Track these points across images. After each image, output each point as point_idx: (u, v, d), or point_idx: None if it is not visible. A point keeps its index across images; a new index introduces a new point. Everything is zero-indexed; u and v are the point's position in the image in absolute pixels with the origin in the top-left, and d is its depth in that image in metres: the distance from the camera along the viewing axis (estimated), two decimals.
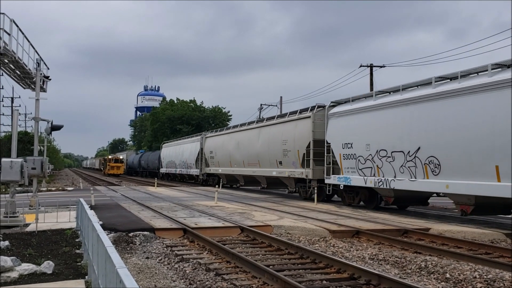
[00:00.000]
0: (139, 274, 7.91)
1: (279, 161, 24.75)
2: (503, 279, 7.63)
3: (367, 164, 17.52)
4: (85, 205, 9.99)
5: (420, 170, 14.91)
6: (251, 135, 29.02)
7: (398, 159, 15.91)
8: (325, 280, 7.55)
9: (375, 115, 17.18)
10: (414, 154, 15.19)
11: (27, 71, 15.58)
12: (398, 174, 15.95)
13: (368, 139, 17.45)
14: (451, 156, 13.72)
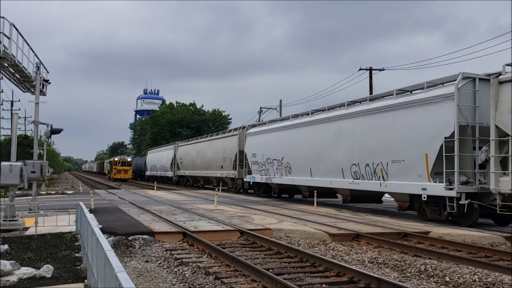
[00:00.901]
0: (139, 277, 7.90)
1: (221, 165, 34.50)
2: (502, 282, 7.63)
3: (263, 167, 26.92)
4: (85, 208, 9.99)
5: (283, 171, 24.30)
6: (205, 146, 38.48)
7: (275, 164, 25.33)
8: (325, 284, 7.54)
9: (266, 136, 26.94)
10: (281, 161, 24.51)
11: (26, 74, 15.60)
12: (276, 173, 25.28)
13: (263, 151, 26.78)
14: (295, 162, 23.01)
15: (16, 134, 14.95)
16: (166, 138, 71.48)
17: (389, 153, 16.28)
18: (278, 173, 24.76)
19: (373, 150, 17.10)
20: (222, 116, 75.03)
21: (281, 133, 24.83)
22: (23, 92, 17.91)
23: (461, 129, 13.64)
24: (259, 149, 27.24)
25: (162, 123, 74.95)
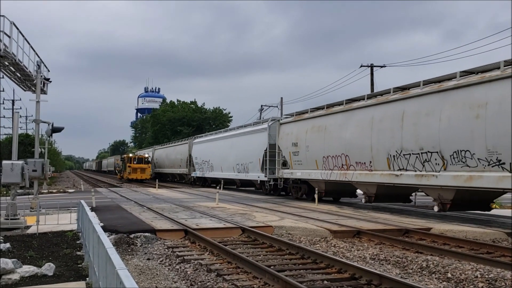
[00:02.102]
0: (140, 275, 7.91)
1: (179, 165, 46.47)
2: (504, 279, 7.62)
3: (200, 166, 40.74)
4: (86, 207, 10.00)
5: (209, 168, 37.73)
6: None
7: (206, 164, 38.61)
8: (326, 280, 7.54)
9: (202, 145, 41.07)
10: (209, 162, 37.79)
11: (27, 73, 15.59)
12: (206, 170, 38.36)
13: (200, 155, 40.30)
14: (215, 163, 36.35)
15: (17, 133, 14.95)
16: (167, 136, 71.47)
17: (244, 158, 30.43)
18: (208, 170, 38.13)
19: (241, 156, 30.96)
20: (223, 114, 75.00)
21: (208, 144, 38.68)
22: (24, 91, 17.92)
23: (271, 146, 25.92)
24: (199, 154, 40.64)
25: (163, 122, 74.94)
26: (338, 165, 19.54)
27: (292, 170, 23.94)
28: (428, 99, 14.91)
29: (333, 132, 19.91)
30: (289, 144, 24.00)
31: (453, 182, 13.86)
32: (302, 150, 22.62)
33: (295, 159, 23.54)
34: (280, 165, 25.15)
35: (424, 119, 14.86)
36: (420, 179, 15.11)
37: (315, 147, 21.40)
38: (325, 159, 20.57)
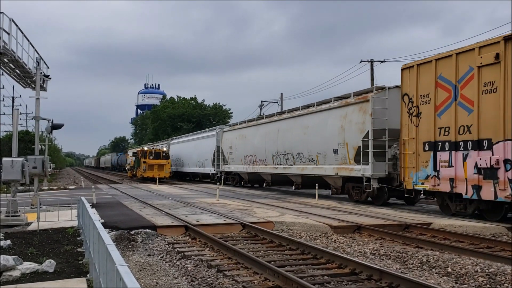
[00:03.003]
0: (141, 271, 7.92)
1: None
2: (504, 273, 7.63)
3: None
4: (87, 203, 10.01)
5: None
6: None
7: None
8: (327, 276, 7.55)
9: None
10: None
11: (26, 70, 15.57)
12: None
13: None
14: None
15: (17, 130, 14.94)
16: (167, 132, 71.50)
17: (202, 156, 39.51)
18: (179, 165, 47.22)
19: (200, 154, 38.99)
20: (223, 110, 75.00)
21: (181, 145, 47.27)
22: (23, 88, 17.90)
23: (217, 148, 34.37)
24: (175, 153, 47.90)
25: (163, 118, 74.94)
26: (251, 161, 29.60)
27: (229, 165, 33.70)
28: (288, 122, 25.18)
29: (248, 139, 29.98)
30: (227, 146, 33.85)
31: (297, 171, 23.83)
32: (234, 151, 32.55)
33: (230, 157, 33.32)
34: (222, 162, 34.70)
35: (286, 133, 24.94)
36: (285, 170, 25.14)
37: (240, 149, 31.38)
38: (245, 158, 30.55)
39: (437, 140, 14.58)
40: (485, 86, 13.08)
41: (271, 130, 26.72)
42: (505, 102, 12.39)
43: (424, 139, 15.12)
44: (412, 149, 15.59)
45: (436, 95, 14.67)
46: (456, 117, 13.93)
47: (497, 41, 12.78)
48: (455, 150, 13.92)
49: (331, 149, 20.29)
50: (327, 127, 20.73)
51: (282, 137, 25.27)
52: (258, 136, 28.33)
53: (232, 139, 32.80)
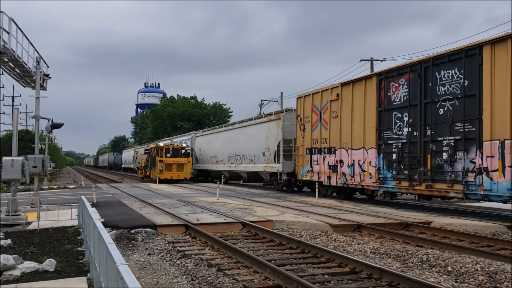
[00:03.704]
0: (141, 270, 7.93)
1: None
2: (504, 271, 7.63)
3: None
4: (87, 202, 10.01)
5: None
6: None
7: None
8: (327, 275, 7.55)
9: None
10: None
11: (26, 69, 15.56)
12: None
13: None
14: None
15: (17, 129, 14.94)
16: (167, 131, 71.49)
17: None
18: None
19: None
20: (223, 110, 74.97)
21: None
22: (23, 87, 17.88)
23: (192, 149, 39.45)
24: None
25: (163, 117, 74.92)
26: (214, 161, 36.35)
27: (200, 165, 39.84)
28: (237, 131, 32.78)
29: (212, 143, 36.72)
30: (198, 149, 40.45)
31: (243, 169, 31.02)
32: (203, 153, 39.19)
33: (200, 158, 39.98)
34: (195, 162, 39.93)
35: (236, 140, 32.28)
36: (236, 168, 32.22)
37: (207, 152, 38.21)
38: (210, 158, 37.44)
39: (312, 147, 21.73)
40: (332, 114, 20.15)
41: (227, 136, 34.32)
42: (341, 124, 19.48)
43: (306, 146, 22.30)
44: (301, 153, 22.85)
45: (311, 117, 21.86)
46: (320, 132, 21.07)
47: (338, 85, 19.87)
48: (319, 153, 21.08)
49: (261, 152, 28.17)
50: (259, 136, 28.52)
51: (233, 142, 32.84)
52: (219, 141, 35.74)
53: (202, 143, 39.96)
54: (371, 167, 17.41)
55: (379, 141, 17.11)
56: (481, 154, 13.07)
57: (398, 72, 16.47)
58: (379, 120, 17.13)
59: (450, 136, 14.10)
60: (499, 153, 12.50)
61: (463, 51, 13.80)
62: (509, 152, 12.20)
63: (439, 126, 14.57)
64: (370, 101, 17.68)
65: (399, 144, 16.20)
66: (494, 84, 12.84)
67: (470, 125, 13.53)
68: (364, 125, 18.00)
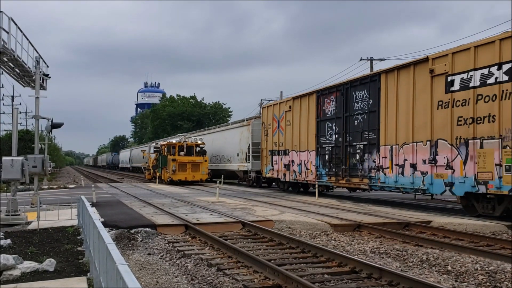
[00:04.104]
0: (141, 270, 7.93)
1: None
2: (504, 271, 7.64)
3: None
4: (87, 202, 10.00)
5: None
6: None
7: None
8: (327, 274, 7.56)
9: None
10: None
11: (26, 69, 15.56)
12: None
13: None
14: None
15: (17, 129, 14.93)
16: (167, 131, 71.49)
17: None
18: None
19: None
20: (222, 109, 74.97)
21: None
22: (23, 87, 17.88)
23: None
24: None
25: (163, 116, 74.92)
26: None
27: None
28: (218, 133, 37.26)
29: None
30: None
31: (223, 167, 35.14)
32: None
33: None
34: None
35: (217, 141, 36.45)
36: (217, 166, 36.29)
37: None
38: None
39: (273, 149, 25.72)
40: (287, 122, 24.21)
41: (210, 138, 37.63)
42: (292, 131, 23.46)
43: (269, 148, 26.27)
44: (265, 154, 26.74)
45: (272, 124, 25.86)
46: (278, 137, 25.19)
47: (290, 99, 24.00)
48: (278, 155, 25.09)
49: (236, 153, 32.39)
50: (234, 139, 32.73)
51: (215, 144, 36.57)
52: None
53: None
54: (312, 166, 21.53)
55: (317, 145, 21.15)
56: (379, 156, 17.03)
57: (329, 91, 20.48)
58: (318, 128, 21.19)
59: (361, 142, 18.19)
60: (389, 154, 16.54)
61: (369, 77, 18.04)
62: (395, 154, 16.29)
63: (354, 134, 18.63)
64: (312, 112, 21.78)
65: (330, 147, 20.24)
66: (387, 103, 16.75)
67: (372, 133, 17.58)
68: (308, 132, 22.04)
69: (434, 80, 14.72)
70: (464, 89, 13.71)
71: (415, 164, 15.40)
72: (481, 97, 13.18)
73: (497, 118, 12.62)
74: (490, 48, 12.92)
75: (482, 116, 13.11)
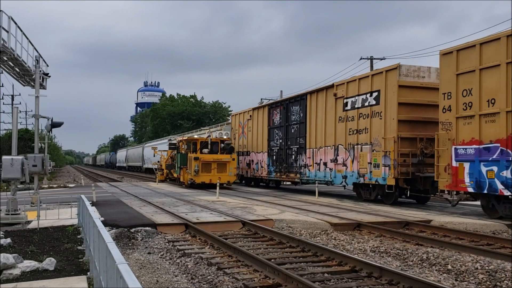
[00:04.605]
0: (141, 269, 7.93)
1: None
2: (504, 270, 7.64)
3: None
4: (86, 201, 10.00)
5: None
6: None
7: None
8: (327, 273, 7.55)
9: None
10: None
11: (26, 68, 15.55)
12: None
13: None
14: None
15: (16, 128, 14.92)
16: (167, 130, 71.47)
17: None
18: None
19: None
20: (222, 108, 74.92)
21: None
22: (23, 86, 17.87)
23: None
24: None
25: (163, 116, 74.90)
26: None
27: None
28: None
29: None
30: None
31: None
32: None
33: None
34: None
35: None
36: None
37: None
38: None
39: (239, 151, 30.18)
40: (248, 128, 29.22)
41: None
42: (252, 136, 28.51)
43: (238, 149, 30.22)
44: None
45: (239, 130, 30.54)
46: (243, 141, 30.10)
47: (251, 109, 28.88)
48: (242, 155, 30.00)
49: None
50: None
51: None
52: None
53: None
54: (265, 164, 26.71)
55: (268, 147, 26.37)
56: (306, 156, 22.35)
57: (276, 105, 26.14)
58: (269, 134, 26.44)
59: (295, 146, 23.51)
60: (312, 155, 21.77)
61: (300, 96, 23.36)
62: (315, 155, 21.46)
63: (291, 139, 23.95)
64: (265, 121, 26.93)
65: (276, 149, 25.50)
66: (311, 117, 21.94)
67: (302, 139, 22.83)
68: (262, 137, 27.20)
69: (337, 101, 20.02)
70: (352, 109, 18.97)
71: (326, 163, 20.66)
72: (361, 115, 18.45)
73: (369, 130, 17.87)
74: (367, 80, 18.12)
75: (362, 128, 18.40)
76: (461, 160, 13.71)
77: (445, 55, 14.38)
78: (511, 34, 12.43)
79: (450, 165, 14.05)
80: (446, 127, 14.31)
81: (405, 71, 16.83)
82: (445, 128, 14.31)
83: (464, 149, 13.68)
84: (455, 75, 13.98)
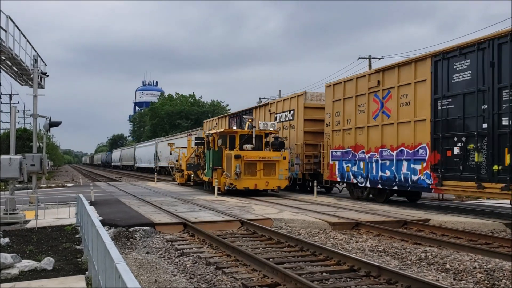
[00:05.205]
0: (140, 269, 7.92)
1: None
2: (502, 269, 7.65)
3: None
4: (85, 201, 9.99)
5: None
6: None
7: None
8: (325, 272, 7.56)
9: None
10: None
11: (24, 67, 15.51)
12: None
13: None
14: None
15: (15, 127, 14.89)
16: (165, 129, 71.47)
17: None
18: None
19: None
20: (221, 107, 74.94)
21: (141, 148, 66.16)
22: (21, 86, 17.82)
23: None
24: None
25: (161, 115, 74.89)
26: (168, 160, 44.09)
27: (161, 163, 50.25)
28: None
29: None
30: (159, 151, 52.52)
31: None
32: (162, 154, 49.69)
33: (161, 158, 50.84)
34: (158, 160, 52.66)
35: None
36: None
37: (163, 153, 47.93)
38: (165, 158, 45.30)
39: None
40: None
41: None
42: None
43: None
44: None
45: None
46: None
47: (217, 118, 33.95)
48: None
49: None
50: None
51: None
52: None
53: (161, 147, 49.66)
54: None
55: None
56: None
57: (234, 116, 30.24)
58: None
59: None
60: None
61: (249, 110, 28.19)
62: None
63: None
64: None
65: None
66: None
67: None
68: None
69: (271, 115, 25.56)
70: (280, 122, 24.61)
71: None
72: (284, 127, 24.25)
73: (288, 138, 23.70)
74: (288, 102, 24.12)
75: (285, 136, 23.90)
76: (334, 160, 20.08)
77: (328, 87, 20.65)
78: (358, 77, 18.60)
79: (328, 163, 20.37)
80: (327, 137, 20.66)
81: (310, 96, 23.23)
82: (327, 137, 20.70)
83: (335, 152, 20.02)
84: (332, 101, 20.24)
